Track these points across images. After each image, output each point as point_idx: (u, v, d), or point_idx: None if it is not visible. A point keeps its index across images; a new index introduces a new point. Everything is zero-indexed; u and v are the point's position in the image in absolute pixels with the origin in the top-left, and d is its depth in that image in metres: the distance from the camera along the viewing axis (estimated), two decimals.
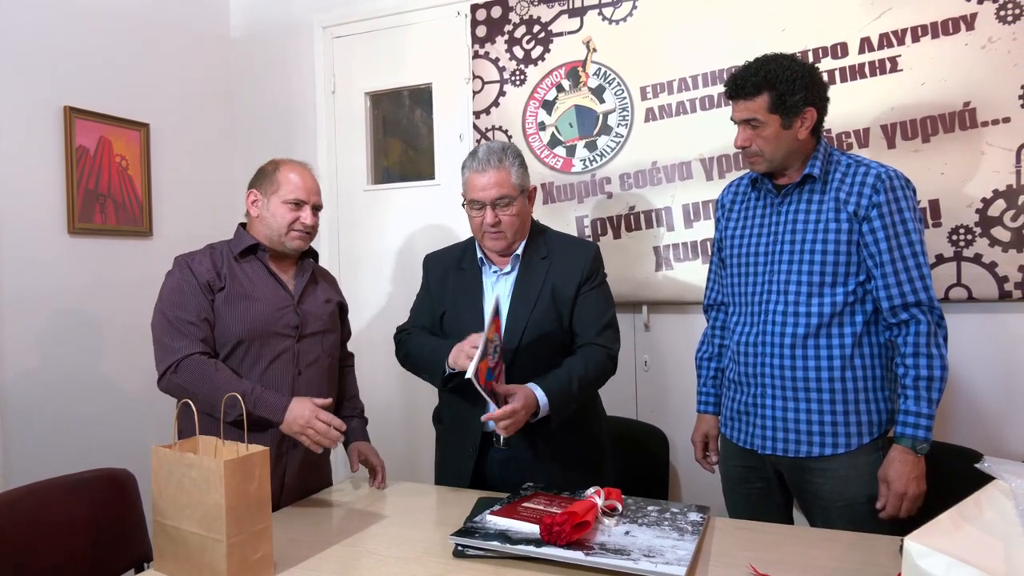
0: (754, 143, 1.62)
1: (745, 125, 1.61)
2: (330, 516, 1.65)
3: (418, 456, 2.89)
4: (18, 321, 2.36)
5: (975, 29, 2.11)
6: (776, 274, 1.66)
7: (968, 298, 2.13)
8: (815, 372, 1.62)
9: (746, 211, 1.77)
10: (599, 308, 1.80)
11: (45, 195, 2.46)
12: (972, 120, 2.12)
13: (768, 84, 1.56)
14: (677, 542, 1.32)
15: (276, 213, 1.76)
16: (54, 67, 2.50)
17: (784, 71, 1.56)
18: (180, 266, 1.73)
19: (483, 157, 1.75)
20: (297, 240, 1.78)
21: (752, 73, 1.57)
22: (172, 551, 1.30)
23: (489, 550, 1.32)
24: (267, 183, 1.79)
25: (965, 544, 0.93)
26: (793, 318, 1.63)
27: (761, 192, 1.74)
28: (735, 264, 1.76)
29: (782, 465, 1.70)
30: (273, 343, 1.72)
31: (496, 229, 1.75)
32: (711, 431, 1.88)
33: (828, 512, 1.64)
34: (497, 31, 2.74)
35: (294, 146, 3.13)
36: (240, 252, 1.76)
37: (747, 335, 1.70)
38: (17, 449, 2.34)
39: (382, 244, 3.06)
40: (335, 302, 1.90)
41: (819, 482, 1.64)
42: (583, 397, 1.74)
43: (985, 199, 2.11)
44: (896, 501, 1.52)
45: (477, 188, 1.74)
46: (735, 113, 1.63)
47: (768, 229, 1.70)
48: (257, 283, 1.75)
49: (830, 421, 1.61)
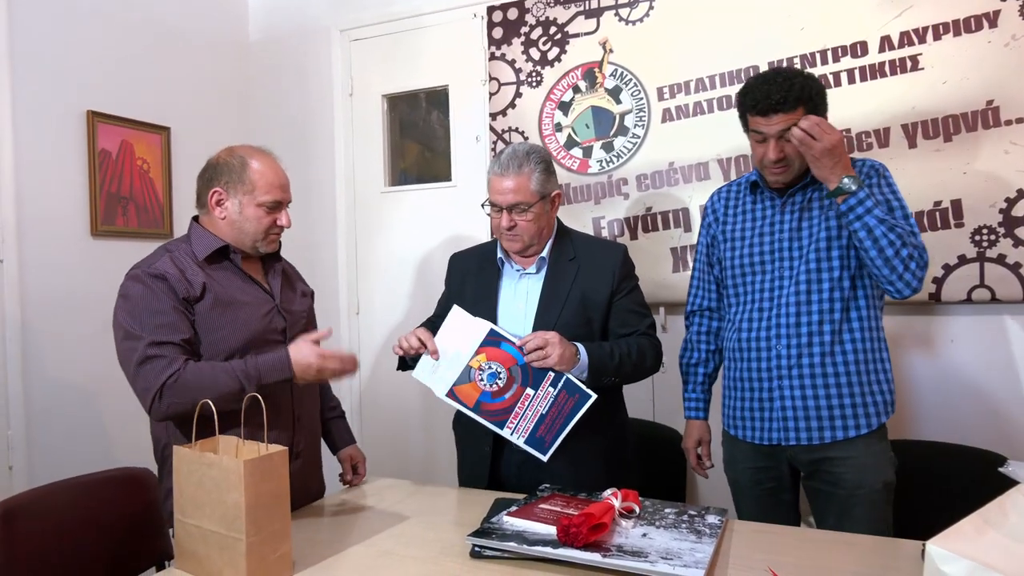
0: (787, 153, 1.64)
1: (778, 139, 1.62)
2: (348, 516, 1.66)
3: (435, 459, 2.89)
4: (42, 322, 2.40)
5: (998, 26, 2.08)
6: (787, 268, 1.69)
7: (991, 299, 2.10)
8: (830, 357, 1.65)
9: (743, 215, 1.80)
10: (638, 308, 1.82)
11: (69, 198, 2.51)
12: (995, 119, 2.09)
13: (805, 97, 1.59)
14: (695, 545, 1.31)
15: (251, 217, 1.60)
16: (77, 72, 2.54)
17: (811, 83, 1.61)
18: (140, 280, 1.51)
19: (505, 161, 1.74)
20: (273, 244, 1.67)
21: (787, 88, 1.58)
22: (192, 549, 1.31)
23: (506, 551, 1.31)
24: (236, 181, 1.59)
25: (989, 549, 0.92)
26: (807, 306, 1.66)
27: (759, 197, 1.78)
28: (738, 265, 1.78)
29: (799, 458, 1.71)
30: (266, 351, 1.55)
31: (512, 233, 1.75)
32: (704, 436, 1.92)
33: (847, 501, 1.65)
34: (513, 33, 2.75)
35: (311, 149, 3.16)
36: (207, 257, 1.58)
37: (756, 330, 1.72)
38: (40, 448, 2.38)
39: (399, 246, 3.07)
40: (309, 294, 1.83)
41: (839, 471, 1.66)
42: (622, 371, 1.71)
43: (1009, 199, 2.08)
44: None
45: (495, 191, 1.75)
46: (769, 127, 1.61)
47: (774, 227, 1.73)
48: (235, 289, 1.60)
49: (849, 404, 1.65)
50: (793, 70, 1.67)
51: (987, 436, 2.09)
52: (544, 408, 1.63)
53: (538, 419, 1.63)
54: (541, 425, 1.63)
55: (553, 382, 1.63)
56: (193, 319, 1.53)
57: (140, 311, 1.49)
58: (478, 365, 1.65)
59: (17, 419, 2.31)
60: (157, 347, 1.46)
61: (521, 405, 1.64)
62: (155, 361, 1.45)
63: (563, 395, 1.63)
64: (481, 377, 1.65)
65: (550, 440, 1.63)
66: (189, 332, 1.51)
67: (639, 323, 1.79)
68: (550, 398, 1.63)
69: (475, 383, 1.65)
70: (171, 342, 1.47)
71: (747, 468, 1.79)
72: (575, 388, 1.63)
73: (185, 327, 1.51)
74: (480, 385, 1.65)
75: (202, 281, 1.55)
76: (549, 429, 1.63)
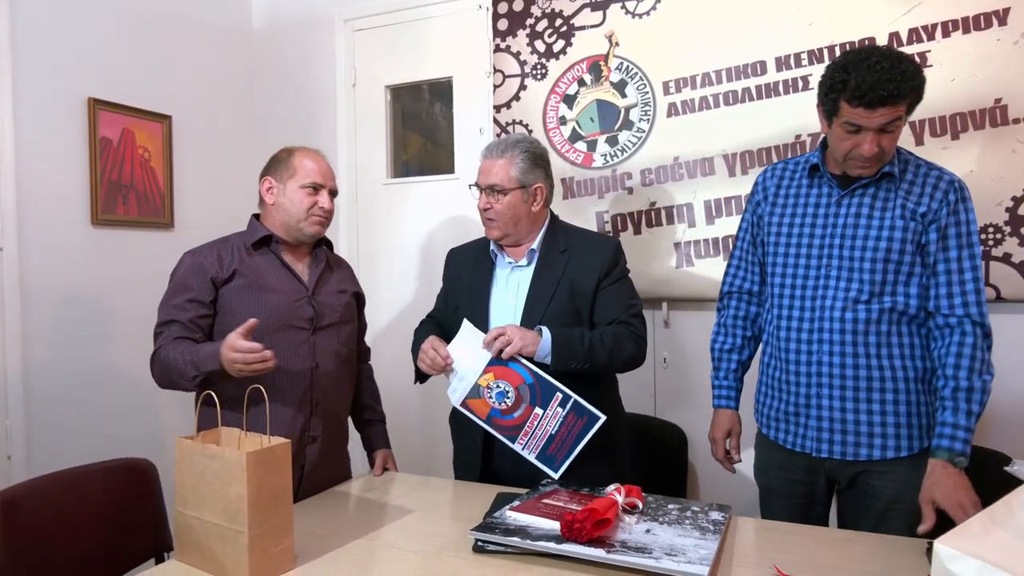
0: (883, 147, 1.50)
1: (879, 132, 1.47)
2: (351, 510, 1.65)
3: (435, 452, 2.89)
4: (42, 311, 2.39)
5: (1008, 24, 2.06)
6: (836, 269, 1.58)
7: (997, 298, 2.09)
8: (878, 371, 1.56)
9: (795, 199, 1.68)
10: (623, 299, 1.78)
11: (69, 186, 2.49)
12: (1003, 117, 2.07)
13: (916, 87, 1.44)
14: (699, 541, 1.31)
15: (294, 199, 1.74)
16: (78, 59, 2.52)
17: (919, 71, 1.45)
18: (181, 261, 1.73)
19: (493, 145, 1.83)
20: (315, 225, 1.77)
21: (900, 79, 1.41)
22: (193, 542, 1.30)
23: (509, 546, 1.31)
24: (282, 169, 1.77)
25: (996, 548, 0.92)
26: (852, 313, 1.56)
27: (817, 182, 1.66)
28: (782, 253, 1.67)
29: (837, 472, 1.63)
30: (289, 336, 1.70)
31: (487, 215, 1.80)
32: (735, 427, 1.81)
33: (884, 514, 1.58)
34: (519, 25, 2.73)
35: (314, 139, 3.12)
36: (253, 244, 1.74)
37: (798, 331, 1.63)
38: (40, 438, 2.37)
39: (401, 238, 3.06)
40: (350, 292, 1.89)
41: (878, 484, 1.58)
42: (593, 358, 1.68)
43: (1015, 197, 2.07)
44: (959, 517, 1.40)
45: (479, 172, 1.83)
46: (874, 119, 1.45)
47: (826, 221, 1.61)
48: (270, 275, 1.73)
49: (893, 423, 1.56)
50: (896, 52, 1.46)
51: (993, 435, 2.08)
52: (553, 428, 1.63)
53: (548, 438, 1.63)
54: (551, 444, 1.63)
55: (561, 403, 1.63)
56: (215, 299, 1.69)
57: (170, 290, 1.70)
58: (486, 384, 1.66)
59: (16, 408, 2.30)
60: (164, 325, 1.66)
61: (531, 424, 1.64)
62: (157, 337, 1.66)
63: (572, 416, 1.63)
64: (490, 395, 1.66)
65: (561, 459, 1.63)
66: (200, 311, 1.66)
67: (622, 313, 1.76)
68: (559, 419, 1.63)
69: (484, 399, 1.67)
70: (178, 321, 1.64)
71: (781, 477, 1.72)
72: (584, 410, 1.63)
73: (197, 309, 1.66)
74: (490, 402, 1.67)
75: (235, 266, 1.70)
76: (559, 448, 1.63)
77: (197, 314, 1.66)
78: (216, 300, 1.69)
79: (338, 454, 1.86)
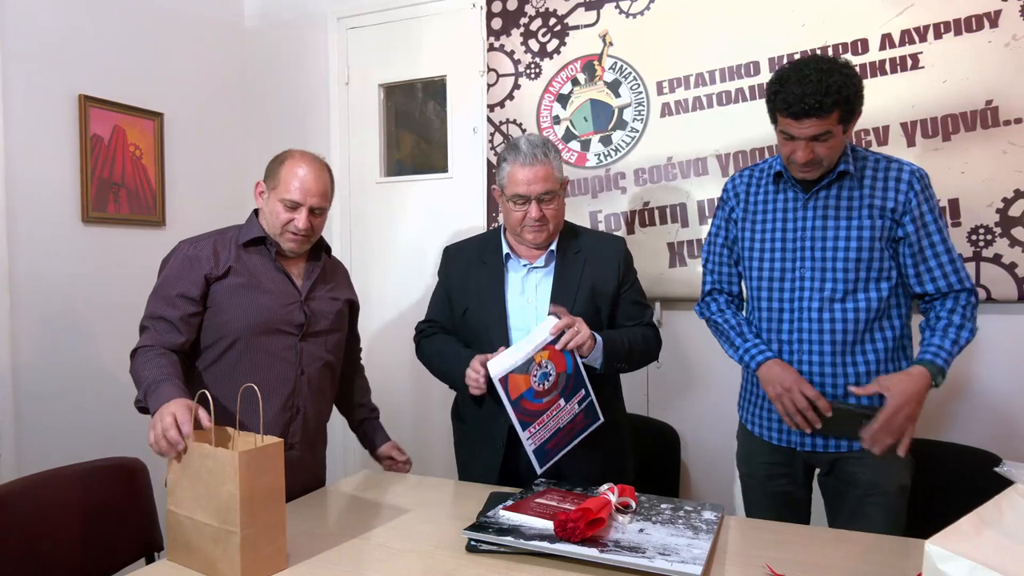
0: (817, 154, 1.55)
1: (812, 140, 1.52)
2: (343, 509, 1.65)
3: (430, 451, 2.88)
4: (32, 309, 2.37)
5: (999, 26, 2.08)
6: (810, 270, 1.62)
7: (987, 299, 2.10)
8: (852, 368, 1.61)
9: (763, 204, 1.71)
10: (641, 304, 1.87)
11: (60, 183, 2.47)
12: (994, 119, 2.09)
13: (842, 99, 1.47)
14: (692, 540, 1.31)
15: (272, 211, 1.67)
16: (69, 55, 2.50)
17: (848, 82, 1.48)
18: (177, 250, 1.68)
19: (528, 151, 1.71)
20: (291, 243, 1.69)
21: (824, 92, 1.45)
22: (185, 541, 1.30)
23: (502, 545, 1.31)
24: (271, 176, 1.70)
25: (987, 548, 0.92)
26: (829, 312, 1.61)
27: (782, 187, 1.69)
28: (756, 257, 1.71)
29: (816, 457, 1.69)
30: (275, 340, 1.66)
31: (540, 224, 1.73)
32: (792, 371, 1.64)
33: (861, 500, 1.63)
34: (513, 24, 2.72)
35: (307, 137, 3.12)
36: (246, 242, 1.69)
37: (778, 332, 1.67)
38: (30, 436, 2.35)
39: (394, 237, 3.06)
40: (343, 300, 1.83)
41: (856, 471, 1.63)
42: (631, 358, 1.76)
43: (1006, 199, 2.08)
44: (888, 416, 1.47)
45: (522, 182, 1.70)
46: (802, 130, 1.50)
47: (795, 224, 1.66)
48: (264, 276, 1.69)
49: None
50: (829, 63, 1.50)
51: (983, 435, 2.10)
52: (563, 422, 1.64)
53: (553, 432, 1.63)
54: (553, 438, 1.63)
55: (581, 400, 1.65)
56: (206, 295, 1.64)
57: (162, 282, 1.65)
58: (540, 360, 1.62)
59: (6, 407, 2.28)
60: (152, 320, 1.60)
61: (549, 414, 1.63)
62: (143, 332, 1.61)
63: (581, 415, 1.65)
64: (536, 373, 1.62)
65: (551, 456, 1.64)
66: (189, 309, 1.61)
67: (642, 314, 1.85)
68: (571, 415, 1.65)
69: (529, 376, 1.61)
70: (165, 318, 1.59)
71: (762, 463, 1.76)
72: (592, 411, 1.67)
73: (187, 306, 1.61)
74: (531, 380, 1.62)
75: (231, 263, 1.66)
76: (557, 444, 1.64)
77: (187, 312, 1.60)
78: (207, 296, 1.64)
79: (315, 462, 1.82)
